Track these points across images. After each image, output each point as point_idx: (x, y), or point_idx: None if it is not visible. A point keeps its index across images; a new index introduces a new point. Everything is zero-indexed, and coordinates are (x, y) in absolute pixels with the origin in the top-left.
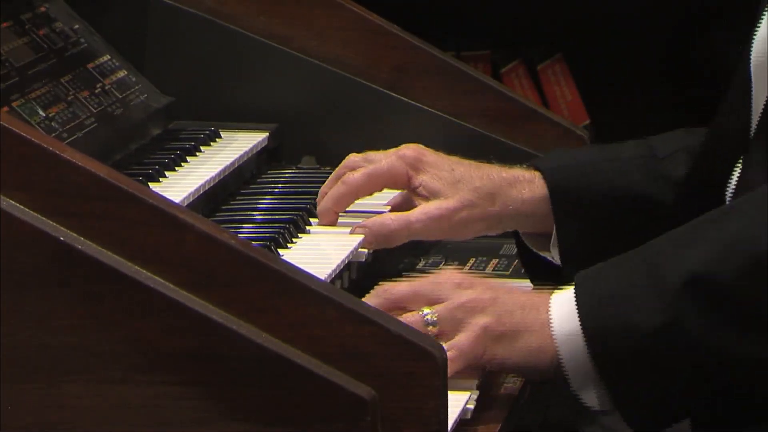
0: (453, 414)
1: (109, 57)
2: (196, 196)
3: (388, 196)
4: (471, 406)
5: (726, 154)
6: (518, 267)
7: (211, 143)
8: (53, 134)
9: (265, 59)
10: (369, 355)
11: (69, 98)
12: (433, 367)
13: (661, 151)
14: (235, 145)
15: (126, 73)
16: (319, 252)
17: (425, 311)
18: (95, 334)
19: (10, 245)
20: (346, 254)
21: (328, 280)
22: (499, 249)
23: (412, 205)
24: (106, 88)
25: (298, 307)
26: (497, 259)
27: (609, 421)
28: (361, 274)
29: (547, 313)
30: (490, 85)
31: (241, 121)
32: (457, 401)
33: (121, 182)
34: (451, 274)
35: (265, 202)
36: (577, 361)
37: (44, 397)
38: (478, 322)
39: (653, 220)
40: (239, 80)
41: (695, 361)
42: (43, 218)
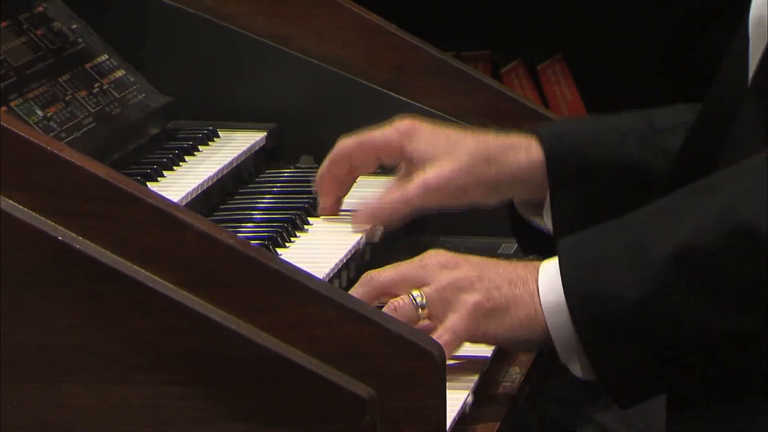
0: (451, 413)
1: (107, 57)
2: (195, 196)
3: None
4: (467, 410)
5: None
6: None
7: (210, 143)
8: (51, 134)
9: (265, 59)
10: (369, 355)
11: (67, 98)
12: (433, 367)
13: (660, 124)
14: (234, 145)
15: (124, 72)
16: (318, 251)
17: (414, 294)
18: (95, 334)
19: (10, 245)
20: (345, 253)
21: (327, 279)
22: (498, 248)
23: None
24: (105, 87)
25: (298, 307)
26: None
27: (607, 420)
28: (360, 272)
29: (535, 283)
30: (490, 85)
31: (240, 121)
32: (456, 400)
33: (120, 182)
34: (436, 255)
35: (263, 201)
36: (563, 332)
37: (44, 397)
38: (468, 300)
39: (649, 192)
40: (238, 80)
41: (677, 333)
42: (43, 218)
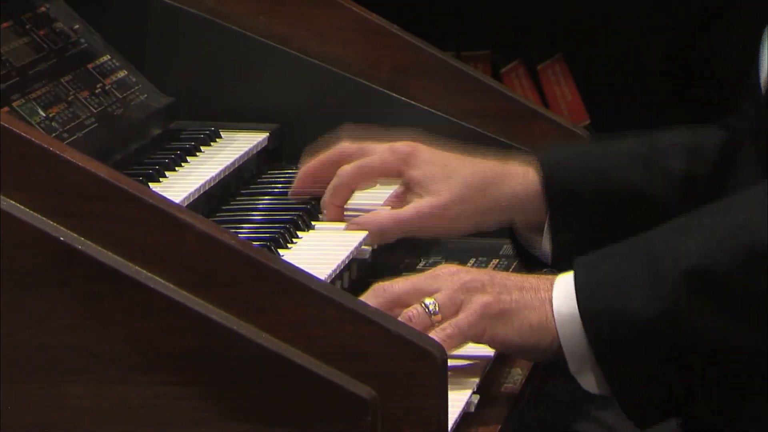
0: (453, 414)
1: (109, 57)
2: (196, 197)
3: (385, 194)
4: (472, 407)
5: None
6: (518, 267)
7: (211, 143)
8: (53, 134)
9: (265, 59)
10: (369, 355)
11: (69, 98)
12: (433, 367)
13: (660, 147)
14: (236, 145)
15: (126, 73)
16: (319, 252)
17: (427, 302)
18: (95, 334)
19: (10, 245)
20: (346, 254)
21: (329, 280)
22: (500, 249)
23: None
24: (107, 88)
25: (298, 307)
26: (497, 259)
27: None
28: (361, 274)
29: (547, 293)
30: (490, 85)
31: (242, 121)
32: (458, 401)
33: (121, 182)
34: (448, 268)
35: (265, 202)
36: (575, 343)
37: (44, 397)
38: (478, 301)
39: (649, 217)
40: (239, 80)
41: (693, 351)
42: (43, 218)
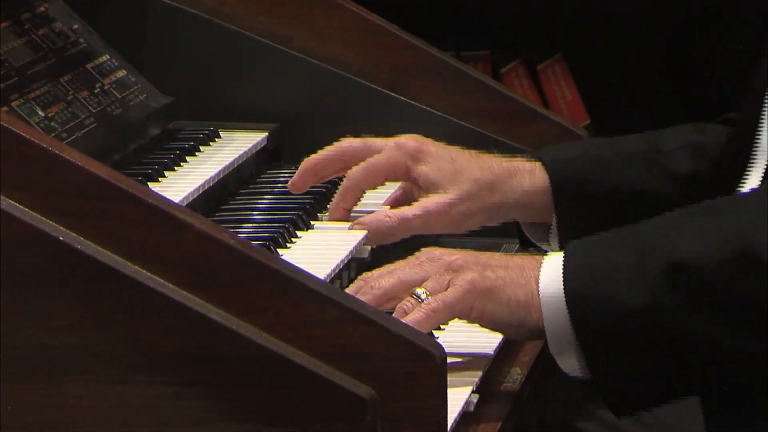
0: (453, 413)
1: (108, 57)
2: (196, 196)
3: (386, 193)
4: (471, 406)
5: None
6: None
7: (211, 143)
8: (52, 134)
9: (265, 59)
10: (369, 355)
11: (68, 98)
12: (433, 367)
13: (665, 146)
14: (235, 145)
15: (125, 73)
16: (319, 251)
17: (418, 291)
18: (95, 334)
19: (10, 245)
20: (345, 254)
21: (328, 280)
22: (499, 248)
23: (412, 199)
24: (106, 88)
25: (298, 307)
26: None
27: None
28: (360, 273)
29: (533, 271)
30: (490, 85)
31: (241, 121)
32: (457, 400)
33: (120, 182)
34: (429, 251)
35: (264, 201)
36: (558, 325)
37: (44, 397)
38: (465, 278)
39: (654, 215)
40: (239, 80)
41: (672, 345)
42: (43, 218)
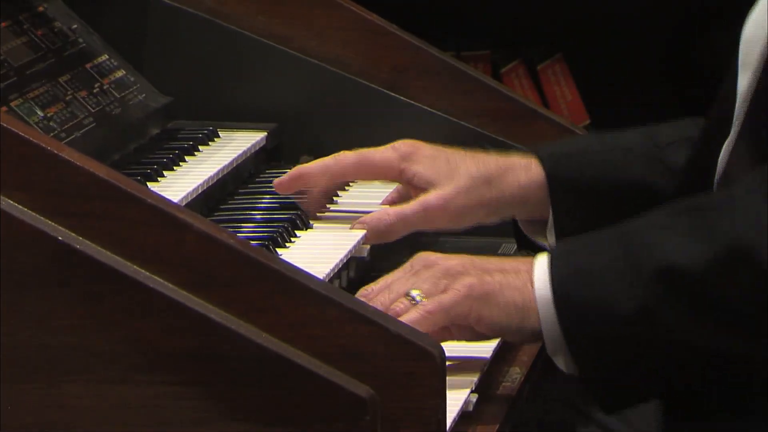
0: (452, 413)
1: (107, 57)
2: (195, 196)
3: (384, 194)
4: (470, 406)
5: (715, 140)
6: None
7: (210, 143)
8: (52, 134)
9: (265, 59)
10: (369, 355)
11: (67, 98)
12: (433, 367)
13: (662, 140)
14: (234, 145)
15: (124, 72)
16: (318, 251)
17: (413, 294)
18: (95, 334)
19: (10, 245)
20: (344, 253)
21: (327, 279)
22: (498, 248)
23: (408, 199)
24: (105, 87)
25: (298, 307)
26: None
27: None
28: (360, 272)
29: (528, 274)
30: (490, 85)
31: (240, 121)
32: (456, 400)
33: (120, 182)
34: (424, 258)
35: (263, 201)
36: (550, 325)
37: (44, 397)
38: (462, 282)
39: (652, 209)
40: (238, 80)
41: (662, 347)
42: (43, 218)
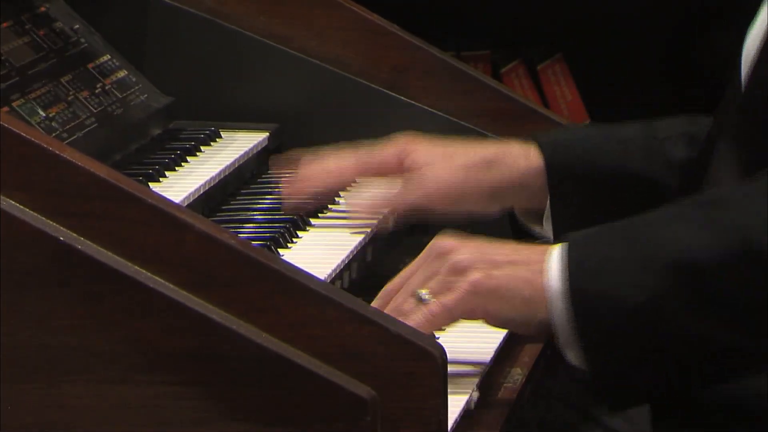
0: (453, 413)
1: (109, 57)
2: (196, 196)
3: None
4: (471, 406)
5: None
6: None
7: (212, 143)
8: (53, 134)
9: (265, 59)
10: (369, 355)
11: (69, 98)
12: (433, 367)
13: (661, 133)
14: (236, 145)
15: (126, 73)
16: (319, 252)
17: (421, 293)
18: (95, 334)
19: (10, 245)
20: (346, 254)
21: (329, 280)
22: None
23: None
24: (107, 88)
25: (298, 307)
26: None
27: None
28: (361, 273)
29: (540, 265)
30: (490, 85)
31: (242, 121)
32: (457, 401)
33: (121, 182)
34: (439, 245)
35: (265, 202)
36: (561, 317)
37: (44, 397)
38: (467, 279)
39: (649, 201)
40: (239, 80)
41: (672, 341)
42: (43, 218)
